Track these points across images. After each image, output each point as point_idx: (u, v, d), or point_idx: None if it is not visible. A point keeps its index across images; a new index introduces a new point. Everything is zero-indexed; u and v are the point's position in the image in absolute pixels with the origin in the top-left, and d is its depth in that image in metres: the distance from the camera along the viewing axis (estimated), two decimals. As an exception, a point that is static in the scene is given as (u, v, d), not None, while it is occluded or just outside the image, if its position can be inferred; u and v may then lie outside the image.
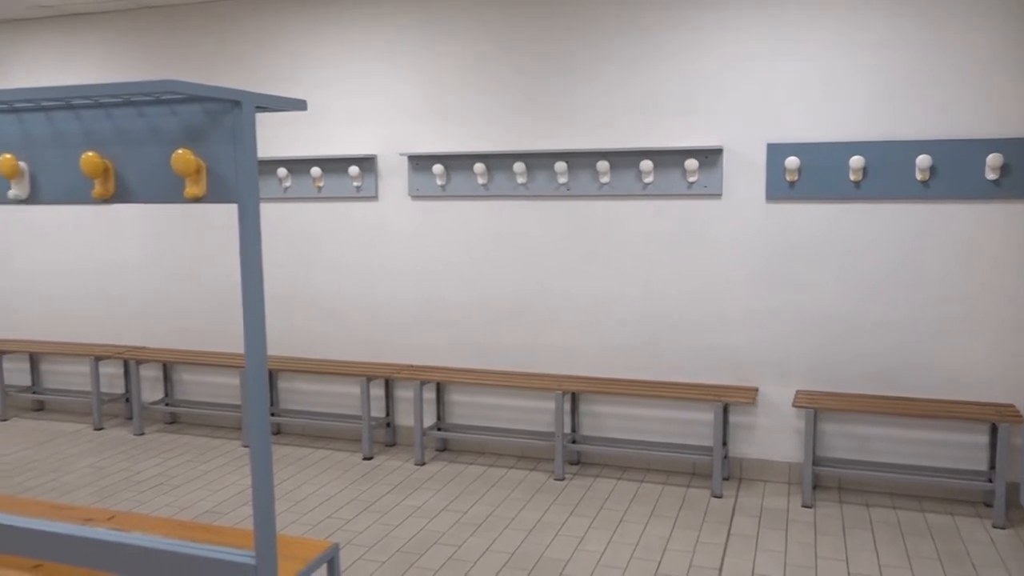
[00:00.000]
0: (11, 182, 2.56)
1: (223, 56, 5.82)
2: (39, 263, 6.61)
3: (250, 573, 2.42)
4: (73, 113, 2.48)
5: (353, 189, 5.60)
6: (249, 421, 2.36)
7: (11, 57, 6.40)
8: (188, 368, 6.25)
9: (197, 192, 2.35)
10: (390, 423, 5.66)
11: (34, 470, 5.22)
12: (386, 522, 4.33)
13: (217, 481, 4.98)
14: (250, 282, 2.33)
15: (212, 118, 2.32)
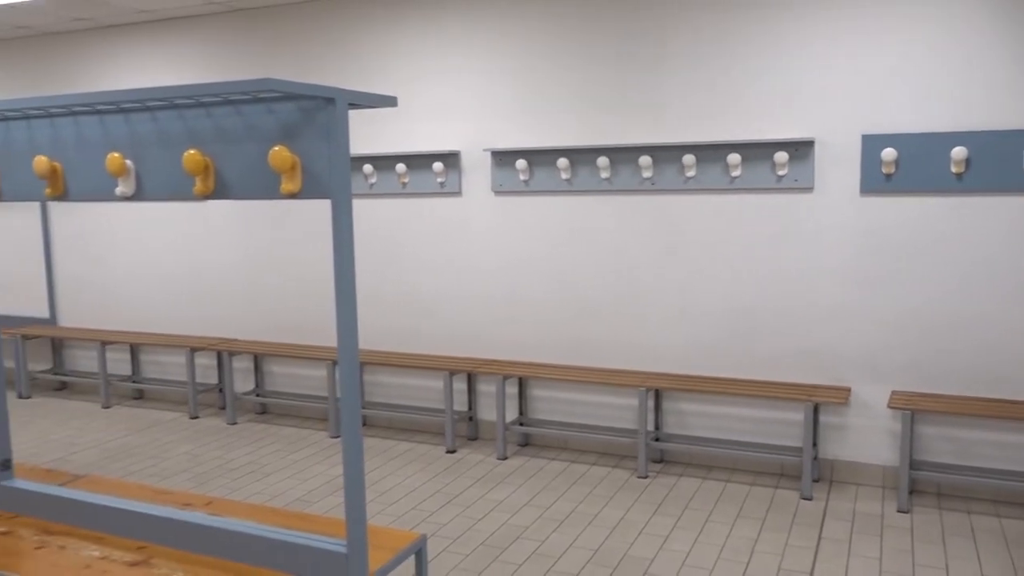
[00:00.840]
0: (118, 180, 2.67)
1: (311, 55, 5.96)
2: (139, 259, 6.91)
3: (341, 562, 2.46)
4: (176, 112, 2.57)
5: (437, 185, 5.65)
6: (342, 414, 2.41)
7: (118, 60, 6.70)
8: (278, 360, 6.43)
9: (292, 188, 2.40)
10: (472, 417, 5.70)
11: (135, 455, 5.46)
12: (469, 515, 4.36)
13: (306, 471, 5.11)
14: (343, 277, 2.37)
15: (307, 115, 2.37)
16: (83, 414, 6.50)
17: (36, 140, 2.83)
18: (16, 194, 2.92)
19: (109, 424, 6.22)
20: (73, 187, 2.78)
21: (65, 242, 7.25)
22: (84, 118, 2.73)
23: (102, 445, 5.70)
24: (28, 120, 2.84)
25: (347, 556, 2.44)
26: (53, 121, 2.80)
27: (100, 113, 2.71)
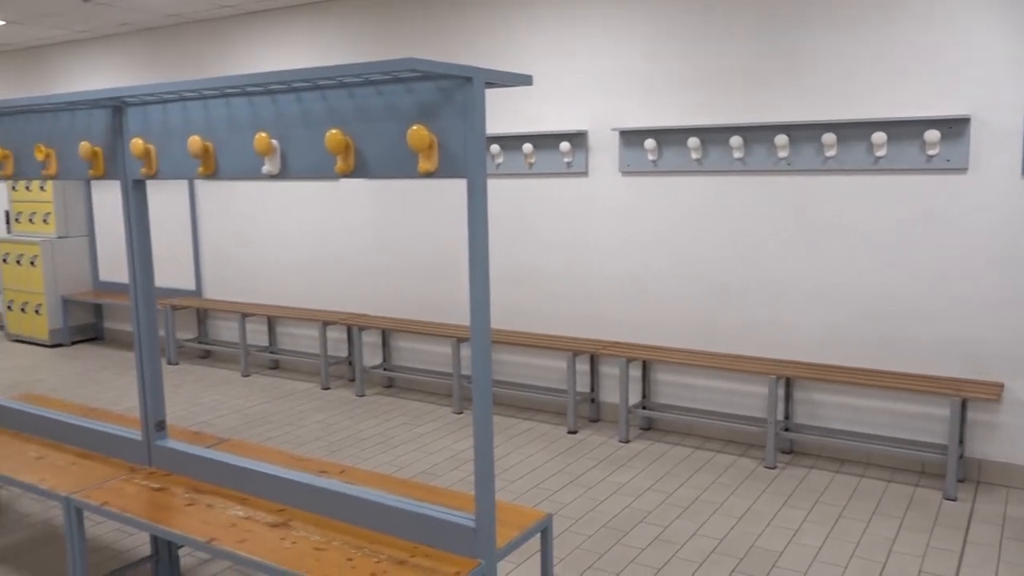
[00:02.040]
0: (265, 159, 2.79)
1: (441, 35, 6.03)
2: (278, 235, 7.23)
3: (470, 535, 2.50)
4: (319, 93, 2.65)
5: (563, 165, 5.63)
6: (474, 392, 2.43)
7: (259, 46, 7.00)
8: (404, 336, 6.60)
9: (429, 167, 2.44)
10: (594, 399, 5.68)
11: (272, 422, 5.74)
12: (592, 496, 4.35)
13: (431, 444, 5.23)
14: (477, 256, 2.39)
15: (445, 95, 2.39)
16: (224, 381, 6.89)
17: (190, 121, 2.99)
18: (171, 172, 3.10)
19: (248, 392, 6.57)
20: (223, 166, 2.92)
21: (210, 219, 7.67)
22: (234, 100, 2.86)
23: (242, 411, 6.03)
24: (183, 102, 3.00)
25: (475, 530, 2.48)
26: (206, 103, 2.94)
27: (249, 95, 2.82)
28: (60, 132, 3.42)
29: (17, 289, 8.48)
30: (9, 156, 3.62)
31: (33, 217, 8.51)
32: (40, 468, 3.44)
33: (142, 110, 3.11)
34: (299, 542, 2.65)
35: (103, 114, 3.24)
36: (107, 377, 7.10)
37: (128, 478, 3.27)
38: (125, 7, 6.68)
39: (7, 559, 3.78)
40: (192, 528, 2.78)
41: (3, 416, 4.04)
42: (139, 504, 3.01)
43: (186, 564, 3.67)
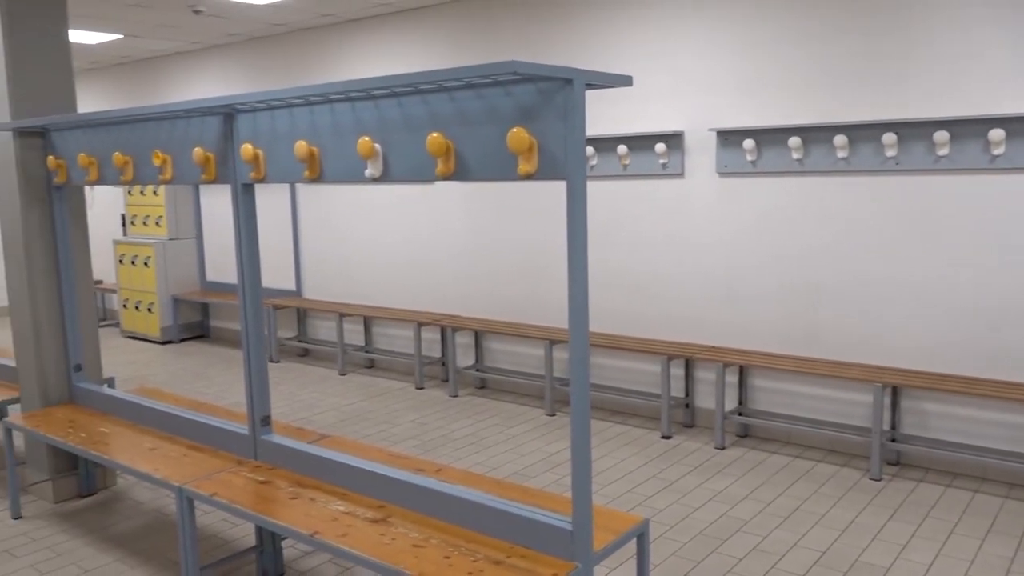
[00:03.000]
0: (368, 162, 2.85)
1: (535, 37, 6.04)
2: (374, 238, 7.40)
3: (567, 538, 2.49)
4: (420, 97, 2.69)
5: (659, 166, 5.56)
6: (572, 395, 2.42)
7: (357, 53, 7.18)
8: (497, 337, 6.65)
9: (529, 169, 2.44)
10: (689, 404, 5.58)
11: (368, 420, 5.88)
12: (687, 503, 4.28)
13: (523, 446, 5.24)
14: (576, 259, 2.38)
15: (544, 97, 2.39)
16: (322, 379, 7.09)
17: (297, 126, 3.09)
18: (278, 176, 3.21)
19: (345, 390, 6.74)
20: (328, 170, 3.01)
21: (310, 222, 7.91)
22: (338, 105, 2.94)
23: (339, 408, 6.19)
24: (290, 108, 3.10)
25: (572, 533, 2.47)
26: (312, 109, 3.03)
27: (352, 100, 2.89)
28: (175, 139, 3.59)
29: (132, 288, 8.95)
30: (129, 162, 3.82)
31: (147, 220, 8.96)
32: (154, 459, 3.61)
33: (251, 116, 3.24)
34: (398, 538, 2.70)
35: (215, 121, 3.38)
36: (213, 373, 7.41)
37: (235, 471, 3.40)
38: (233, 18, 6.96)
39: (124, 543, 3.98)
40: (296, 521, 2.87)
41: (122, 408, 4.27)
42: (246, 496, 3.12)
43: (288, 555, 3.79)
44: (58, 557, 3.86)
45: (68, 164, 4.26)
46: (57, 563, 3.79)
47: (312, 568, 3.68)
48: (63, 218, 4.47)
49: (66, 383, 4.57)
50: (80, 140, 4.13)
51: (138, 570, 3.71)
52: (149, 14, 6.71)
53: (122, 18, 6.86)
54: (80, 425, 4.16)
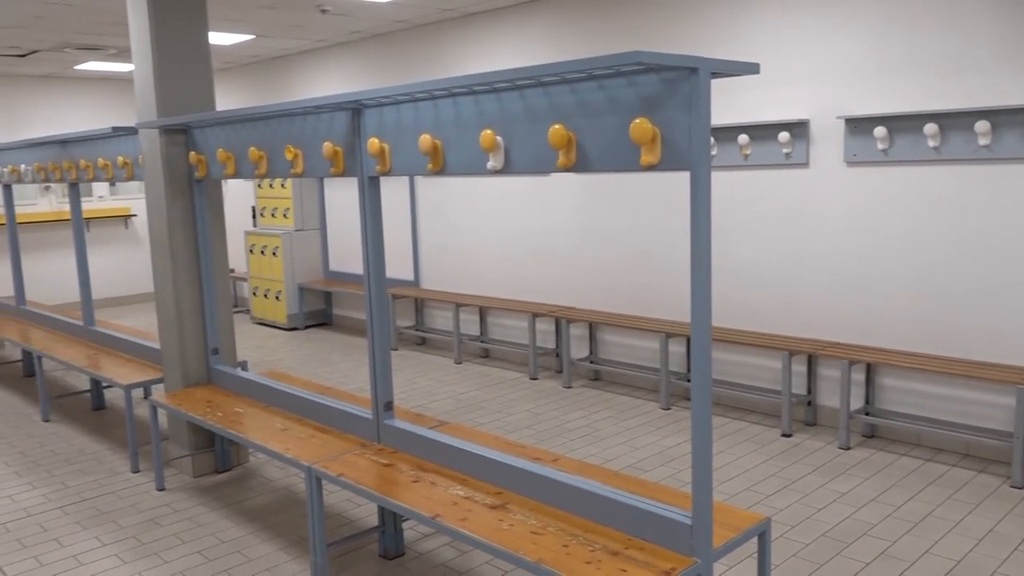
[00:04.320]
0: (490, 155, 2.90)
1: (649, 27, 5.96)
2: (490, 229, 7.50)
3: (686, 532, 2.47)
4: (542, 90, 2.71)
5: (782, 156, 5.38)
6: (693, 390, 2.39)
7: (475, 46, 7.28)
8: (611, 329, 6.62)
9: (652, 160, 2.43)
10: (811, 401, 5.40)
11: (483, 409, 5.98)
12: (808, 504, 4.15)
13: (637, 439, 5.21)
14: (700, 249, 2.35)
15: (668, 86, 2.37)
16: (439, 368, 7.26)
17: (421, 120, 3.17)
18: (403, 169, 3.31)
19: (461, 378, 6.87)
20: (451, 162, 3.08)
21: (428, 213, 8.09)
22: (462, 99, 2.99)
23: (456, 396, 6.32)
24: (415, 103, 3.19)
25: (692, 528, 2.45)
26: (436, 103, 3.10)
27: (475, 93, 2.95)
28: (306, 134, 3.75)
29: (261, 277, 9.41)
30: (263, 157, 4.02)
31: (275, 212, 9.39)
32: (285, 439, 3.80)
33: (378, 111, 3.34)
34: (516, 525, 2.74)
35: (343, 116, 3.51)
36: (335, 359, 7.70)
37: (360, 453, 3.54)
38: (357, 16, 7.19)
39: (257, 518, 4.21)
40: (418, 503, 2.96)
41: (254, 390, 4.50)
42: (370, 477, 3.24)
43: (408, 536, 3.91)
44: (198, 528, 4.12)
45: (208, 159, 4.52)
46: (197, 533, 4.05)
47: (431, 550, 3.79)
48: (203, 210, 4.75)
49: (204, 365, 4.86)
50: (219, 136, 4.38)
51: (269, 543, 3.91)
52: (279, 15, 7.01)
53: (254, 20, 7.20)
54: (217, 405, 4.42)
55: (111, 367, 5.29)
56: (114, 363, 5.40)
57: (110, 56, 8.89)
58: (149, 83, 4.59)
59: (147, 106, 4.65)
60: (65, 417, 6.10)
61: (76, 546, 3.96)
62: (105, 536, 4.06)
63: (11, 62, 9.18)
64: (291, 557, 3.77)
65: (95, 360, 5.52)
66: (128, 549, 3.91)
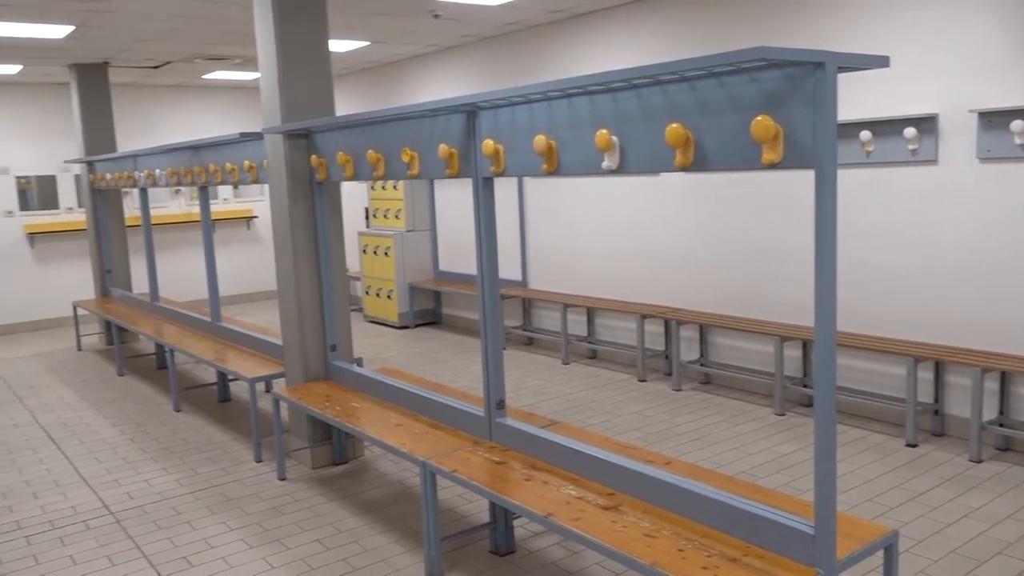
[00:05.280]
0: (604, 154, 2.89)
1: (768, 23, 5.80)
2: (599, 229, 7.47)
3: (808, 542, 2.40)
4: (660, 88, 2.68)
5: (907, 153, 5.14)
6: (816, 396, 2.32)
7: (591, 45, 7.27)
8: (722, 332, 6.48)
9: (774, 158, 2.36)
10: (938, 411, 5.13)
11: (591, 410, 5.96)
12: (936, 518, 3.94)
13: (750, 445, 5.08)
14: (824, 251, 2.28)
15: (792, 82, 2.30)
16: (546, 368, 7.28)
17: (535, 121, 3.19)
18: (517, 170, 3.34)
19: (568, 379, 6.87)
20: (565, 162, 3.08)
21: (536, 213, 8.14)
22: (577, 99, 3.00)
23: (564, 397, 6.33)
24: (530, 104, 3.21)
25: (814, 538, 2.37)
26: (550, 104, 3.12)
27: (590, 94, 2.94)
28: (422, 136, 3.84)
29: (374, 276, 9.69)
30: (381, 159, 4.14)
31: (387, 213, 9.64)
32: (400, 434, 3.90)
33: (493, 113, 3.39)
34: (629, 527, 2.72)
35: (459, 118, 3.57)
36: (445, 357, 7.84)
37: (472, 450, 3.59)
38: (469, 20, 7.30)
39: (372, 510, 4.34)
40: (531, 502, 2.98)
41: (370, 386, 4.64)
42: (483, 474, 3.29)
43: (519, 535, 3.94)
44: (316, 517, 4.28)
45: (328, 162, 4.69)
46: (316, 522, 4.21)
47: (541, 548, 3.81)
48: (323, 212, 4.93)
49: (323, 361, 5.04)
50: (338, 140, 4.53)
51: (384, 535, 4.02)
52: (394, 21, 7.20)
53: (370, 26, 7.42)
54: (335, 399, 4.58)
55: (236, 361, 5.56)
56: (239, 357, 5.68)
57: (235, 65, 9.35)
58: (274, 90, 4.80)
59: (272, 112, 4.86)
60: (194, 407, 6.45)
61: (206, 530, 4.18)
62: (232, 521, 4.27)
63: (146, 73, 9.79)
64: (405, 549, 3.86)
65: (222, 354, 5.82)
66: (253, 535, 4.10)
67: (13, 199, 10.24)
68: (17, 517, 4.47)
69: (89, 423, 6.16)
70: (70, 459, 5.37)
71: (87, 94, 8.93)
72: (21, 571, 3.83)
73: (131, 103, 10.96)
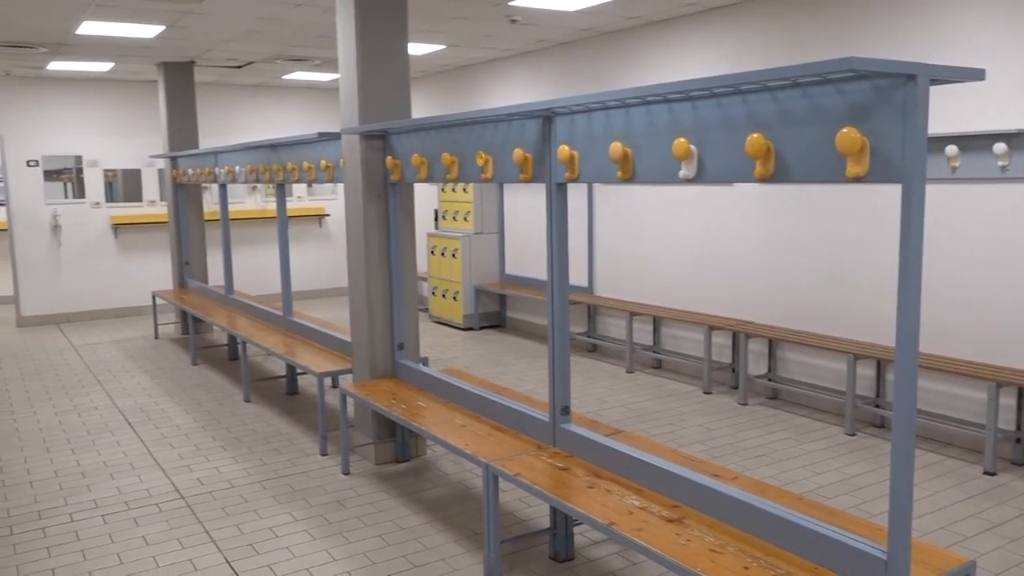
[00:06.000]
0: (682, 163, 2.86)
1: (852, 32, 5.66)
2: (667, 238, 7.40)
3: (880, 568, 2.33)
4: (741, 98, 2.65)
5: (996, 169, 4.95)
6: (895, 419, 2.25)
7: (668, 53, 7.22)
8: (792, 346, 6.34)
9: (859, 171, 2.31)
10: (1021, 439, 4.92)
11: (655, 420, 5.90)
12: (1016, 551, 3.78)
13: (819, 464, 4.96)
14: (909, 267, 2.21)
15: (881, 94, 2.24)
16: (610, 376, 7.24)
17: (611, 128, 3.18)
18: (591, 176, 3.33)
19: (632, 388, 6.82)
20: (640, 170, 3.07)
21: (604, 220, 8.10)
22: (655, 107, 2.98)
23: (627, 406, 6.28)
24: (606, 111, 3.20)
25: (887, 563, 2.30)
26: (628, 111, 3.10)
27: (669, 102, 2.92)
28: (497, 141, 3.86)
29: (440, 277, 9.78)
30: (455, 162, 4.18)
31: (456, 215, 9.73)
32: (464, 435, 3.93)
33: (569, 119, 3.39)
34: (694, 541, 2.69)
35: (534, 123, 3.58)
36: (508, 361, 7.87)
37: (536, 454, 3.60)
38: (545, 25, 7.32)
39: (433, 509, 4.38)
40: (593, 510, 2.97)
41: (435, 385, 4.69)
42: (546, 479, 3.29)
43: (578, 542, 3.93)
44: (379, 512, 4.34)
45: (403, 164, 4.76)
46: (378, 517, 4.27)
47: (600, 557, 3.79)
48: (396, 212, 5.00)
49: (390, 359, 5.11)
50: (414, 142, 4.60)
51: (443, 535, 4.06)
52: (471, 25, 7.27)
53: (447, 30, 7.51)
54: (401, 398, 4.64)
55: (306, 355, 5.67)
56: (308, 352, 5.80)
57: (314, 67, 9.56)
58: (353, 91, 4.89)
59: (350, 113, 4.96)
60: (263, 399, 6.61)
61: (272, 519, 4.28)
62: (297, 512, 4.36)
63: (229, 73, 10.09)
64: (464, 550, 3.88)
65: (291, 348, 5.95)
66: (317, 526, 4.18)
67: (101, 191, 10.68)
68: (95, 496, 4.65)
69: (164, 409, 6.37)
70: (145, 443, 5.56)
71: (173, 92, 9.25)
72: (97, 548, 3.98)
73: (213, 101, 11.31)
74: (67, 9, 6.22)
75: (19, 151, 10.17)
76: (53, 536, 4.13)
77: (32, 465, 5.17)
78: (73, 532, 4.17)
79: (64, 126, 10.41)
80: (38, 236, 10.31)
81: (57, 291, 10.46)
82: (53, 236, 10.38)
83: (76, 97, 10.43)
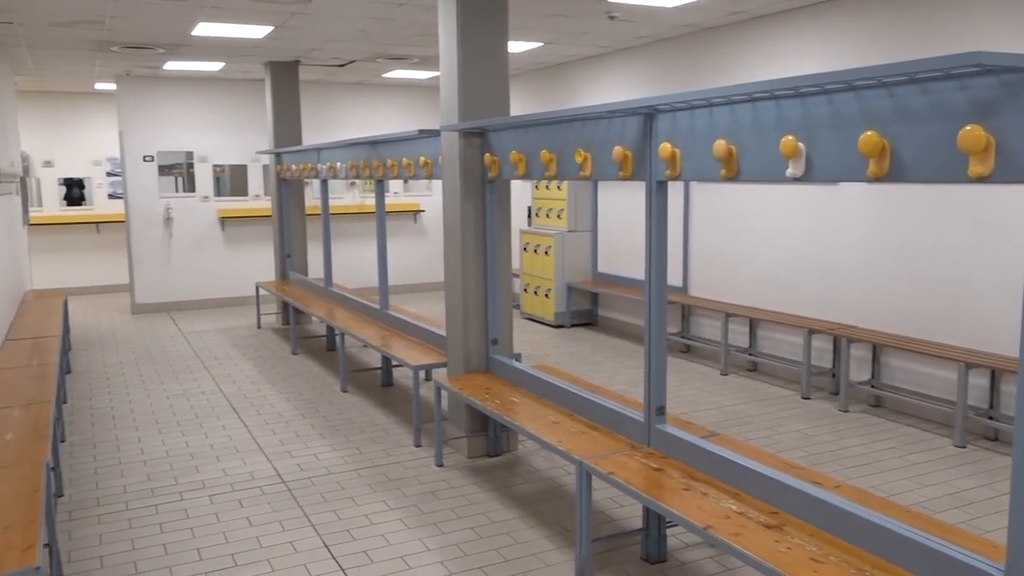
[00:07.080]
0: (789, 161, 2.79)
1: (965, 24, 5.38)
2: (766, 238, 7.22)
3: (996, 587, 2.22)
4: (854, 94, 2.56)
5: None
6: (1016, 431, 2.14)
7: (773, 48, 7.04)
8: (898, 353, 6.09)
9: (983, 171, 2.21)
10: None
11: (750, 424, 5.77)
12: None
13: (924, 476, 4.76)
14: (1037, 271, 2.09)
15: (1008, 90, 2.14)
16: (703, 377, 7.12)
17: (716, 125, 3.13)
18: (693, 174, 3.28)
19: (726, 390, 6.69)
20: (745, 168, 3.00)
21: (701, 219, 7.96)
22: (761, 104, 2.91)
23: (720, 409, 6.16)
24: (710, 108, 3.15)
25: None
26: (733, 108, 3.04)
27: (776, 98, 2.85)
28: (596, 138, 3.85)
29: (533, 274, 9.82)
30: (553, 159, 4.19)
31: (549, 213, 9.74)
32: (557, 431, 3.94)
33: (671, 116, 3.35)
34: (794, 549, 2.62)
35: (635, 121, 3.56)
36: (599, 359, 7.84)
37: (630, 454, 3.57)
38: (644, 21, 7.25)
39: (524, 504, 4.41)
40: (689, 512, 2.93)
41: (528, 381, 4.71)
42: (640, 479, 3.27)
43: (671, 544, 3.89)
44: (471, 505, 4.39)
45: (500, 160, 4.80)
46: (470, 510, 4.33)
47: (693, 561, 3.74)
48: (492, 209, 5.05)
49: (484, 354, 5.17)
50: (512, 139, 4.63)
51: (535, 530, 4.08)
52: (568, 22, 7.26)
53: (544, 27, 7.52)
54: (494, 392, 4.68)
55: (401, 348, 5.80)
56: (403, 345, 5.92)
57: (413, 65, 9.74)
58: (453, 89, 4.96)
59: (450, 110, 5.03)
60: (359, 389, 6.79)
61: (368, 507, 4.40)
62: (392, 501, 4.46)
63: (331, 71, 10.38)
64: (555, 546, 3.90)
65: (387, 340, 6.09)
66: (411, 516, 4.27)
67: (209, 185, 11.17)
68: (203, 477, 4.87)
69: (265, 396, 6.62)
70: (248, 428, 5.79)
71: (279, 90, 9.59)
72: (205, 527, 4.18)
73: (316, 99, 11.66)
74: (185, 11, 6.52)
75: (137, 147, 10.74)
76: (165, 513, 4.35)
77: (145, 445, 5.46)
78: (183, 510, 4.39)
79: (177, 123, 10.94)
80: (152, 228, 10.87)
81: (168, 280, 11.00)
82: (165, 228, 10.92)
83: (188, 95, 10.94)
